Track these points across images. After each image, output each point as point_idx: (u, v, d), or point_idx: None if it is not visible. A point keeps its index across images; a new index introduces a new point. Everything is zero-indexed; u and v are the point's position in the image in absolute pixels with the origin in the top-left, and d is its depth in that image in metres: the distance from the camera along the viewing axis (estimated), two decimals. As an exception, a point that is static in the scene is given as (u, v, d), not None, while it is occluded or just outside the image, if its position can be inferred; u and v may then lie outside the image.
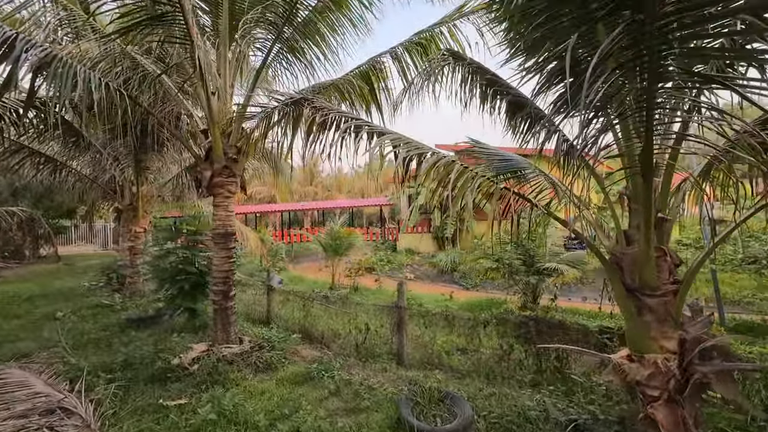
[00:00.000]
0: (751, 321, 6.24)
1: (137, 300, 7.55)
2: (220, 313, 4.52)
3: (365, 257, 11.63)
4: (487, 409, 3.11)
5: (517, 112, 3.37)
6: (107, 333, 5.74)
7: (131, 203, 7.78)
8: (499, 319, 4.37)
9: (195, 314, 5.69)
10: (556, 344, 4.00)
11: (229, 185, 4.48)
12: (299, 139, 4.38)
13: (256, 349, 4.58)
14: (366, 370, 4.25)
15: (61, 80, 3.23)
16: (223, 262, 4.52)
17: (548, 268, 6.98)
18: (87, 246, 23.00)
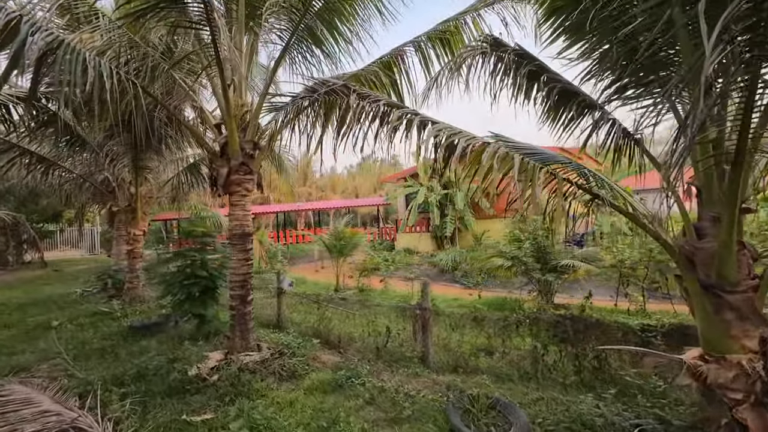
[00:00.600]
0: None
1: (138, 306, 7.18)
2: (239, 319, 4.25)
3: (369, 258, 11.41)
4: (540, 416, 2.94)
5: (564, 101, 3.21)
6: (110, 342, 5.39)
7: (129, 204, 7.40)
8: (532, 318, 4.21)
9: (204, 321, 5.39)
10: (596, 344, 3.87)
11: (246, 183, 4.22)
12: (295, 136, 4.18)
13: (276, 357, 4.33)
14: (396, 376, 4.03)
15: (69, 67, 2.94)
16: (241, 264, 4.25)
17: (564, 266, 6.87)
18: (73, 251, 22.18)
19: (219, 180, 4.10)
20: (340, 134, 3.25)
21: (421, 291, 4.93)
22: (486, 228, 17.20)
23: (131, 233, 7.32)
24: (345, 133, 3.22)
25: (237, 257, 4.24)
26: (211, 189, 4.33)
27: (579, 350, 3.90)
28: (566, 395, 3.35)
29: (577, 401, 3.10)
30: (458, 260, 15.31)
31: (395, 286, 11.36)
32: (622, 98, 2.99)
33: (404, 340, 5.04)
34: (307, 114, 3.30)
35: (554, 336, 4.06)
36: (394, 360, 4.69)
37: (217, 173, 4.11)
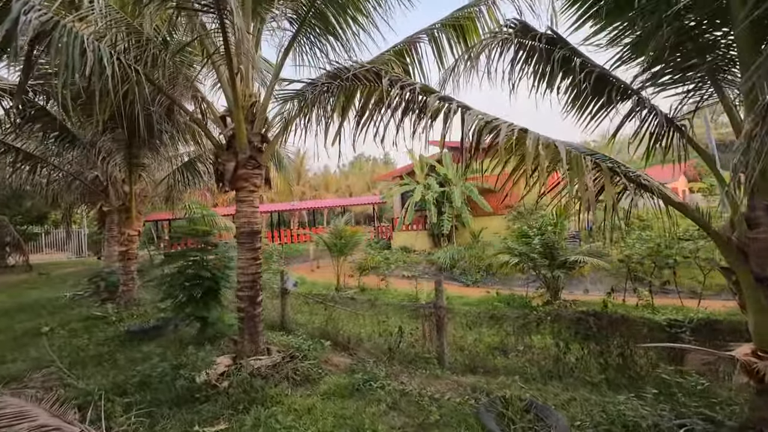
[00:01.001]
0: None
1: (134, 309, 6.86)
2: (248, 322, 4.03)
3: (369, 256, 11.23)
4: (578, 418, 2.81)
5: (594, 89, 3.07)
6: (107, 348, 5.11)
7: (123, 203, 7.07)
8: (554, 315, 4.09)
9: (207, 324, 5.14)
10: (621, 340, 3.77)
11: (254, 178, 4.00)
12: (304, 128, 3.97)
13: (288, 360, 4.12)
14: (416, 378, 3.87)
15: (67, 50, 2.69)
16: (250, 264, 4.03)
17: (572, 261, 6.80)
18: (59, 253, 21.50)
19: (226, 175, 3.87)
20: (360, 124, 3.06)
21: (435, 290, 4.78)
22: (484, 225, 17.16)
23: (125, 233, 6.99)
24: (365, 122, 3.03)
25: (245, 256, 4.02)
26: (217, 184, 4.09)
27: (603, 347, 3.80)
28: (596, 395, 3.23)
29: (612, 401, 2.98)
30: (456, 258, 15.25)
31: (396, 284, 11.21)
32: (657, 84, 2.87)
33: (415, 340, 4.89)
34: (324, 103, 3.10)
35: (576, 333, 3.94)
36: (408, 361, 4.53)
37: (224, 168, 3.88)
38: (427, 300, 6.86)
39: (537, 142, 2.19)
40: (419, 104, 2.76)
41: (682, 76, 2.70)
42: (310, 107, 3.11)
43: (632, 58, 3.01)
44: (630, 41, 2.96)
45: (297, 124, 3.61)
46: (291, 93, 3.44)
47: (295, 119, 3.57)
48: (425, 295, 7.36)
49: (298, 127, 3.66)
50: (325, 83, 2.87)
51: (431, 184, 17.84)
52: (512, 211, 16.44)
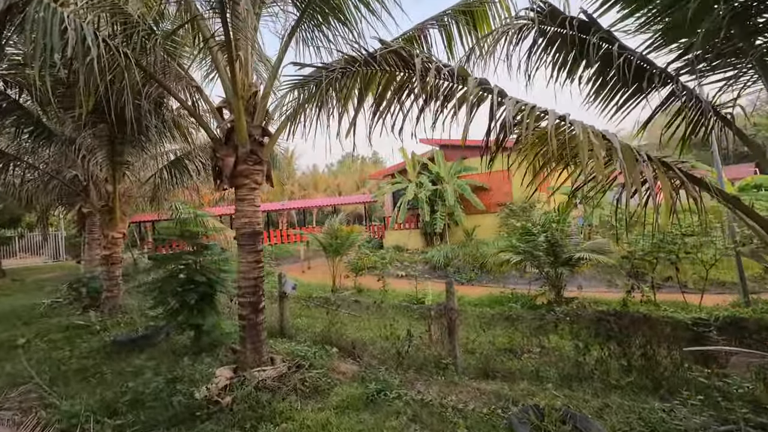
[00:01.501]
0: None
1: (119, 317, 6.42)
2: (250, 330, 3.73)
3: (365, 256, 10.97)
4: (616, 427, 2.63)
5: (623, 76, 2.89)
6: (92, 361, 4.71)
7: (106, 204, 6.60)
8: (573, 316, 3.92)
9: (202, 332, 4.79)
10: (643, 341, 3.64)
11: (255, 174, 3.70)
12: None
13: (294, 370, 3.84)
14: (433, 386, 3.65)
15: (45, 27, 2.34)
16: (252, 267, 3.73)
17: (577, 258, 6.69)
18: (34, 258, 20.46)
19: (225, 171, 3.55)
20: (377, 114, 2.80)
21: (446, 291, 4.56)
22: (476, 223, 17.12)
23: (109, 236, 6.53)
24: (383, 112, 2.78)
25: (246, 259, 3.71)
26: (215, 182, 3.77)
27: (625, 349, 3.66)
28: (628, 400, 3.08)
29: (647, 407, 2.83)
30: (450, 256, 15.14)
31: (393, 284, 10.98)
32: (694, 71, 2.72)
33: (424, 344, 4.67)
34: (339, 90, 2.82)
35: (597, 334, 3.79)
36: (419, 366, 4.31)
37: (223, 163, 3.56)
38: (432, 301, 6.67)
39: (588, 132, 1.97)
40: (445, 91, 2.53)
41: (723, 62, 2.55)
42: (323, 95, 2.84)
43: (663, 45, 2.85)
44: (662, 26, 2.79)
45: (302, 115, 3.33)
46: (300, 79, 3.13)
47: (301, 109, 3.28)
48: (430, 296, 7.16)
49: (306, 119, 3.37)
50: (343, 68, 2.60)
51: (424, 182, 17.69)
52: (505, 209, 16.48)
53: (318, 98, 2.96)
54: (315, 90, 2.97)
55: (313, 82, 2.99)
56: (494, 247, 14.62)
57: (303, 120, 3.36)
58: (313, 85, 3.02)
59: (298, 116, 3.36)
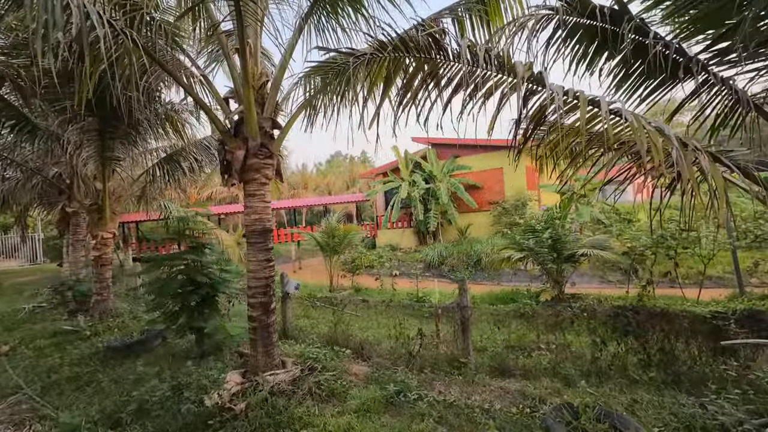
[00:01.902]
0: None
1: (110, 322, 6.09)
2: (261, 332, 3.55)
3: (363, 255, 10.82)
4: (649, 423, 2.59)
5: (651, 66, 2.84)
6: (86, 368, 4.43)
7: (94, 203, 6.25)
8: (590, 311, 3.89)
9: (204, 335, 4.57)
10: (661, 335, 3.63)
11: (265, 168, 3.51)
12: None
13: (307, 373, 3.68)
14: (452, 385, 3.55)
15: (45, 2, 2.13)
16: (263, 266, 3.55)
17: (577, 255, 6.73)
18: (9, 261, 19.50)
19: (234, 165, 3.36)
20: (403, 103, 2.68)
21: (459, 288, 4.48)
22: (469, 221, 17.18)
23: (99, 236, 6.19)
24: (408, 102, 2.66)
25: (257, 258, 3.53)
26: (222, 177, 3.56)
27: (644, 343, 3.64)
28: (654, 395, 3.04)
29: (676, 402, 2.79)
30: (444, 255, 15.15)
31: (391, 283, 10.87)
32: (723, 62, 2.70)
33: (430, 343, 4.59)
34: (361, 79, 2.69)
35: (615, 329, 3.77)
36: (431, 366, 4.21)
37: (232, 157, 3.37)
38: (439, 300, 6.57)
39: (639, 122, 1.90)
40: (477, 78, 2.42)
41: (755, 53, 2.53)
42: (347, 83, 2.69)
43: (691, 35, 2.82)
44: (690, 17, 2.76)
45: (321, 105, 3.17)
46: (320, 65, 2.96)
47: (319, 99, 3.12)
48: (437, 294, 7.07)
49: (321, 110, 3.22)
50: (373, 53, 2.45)
51: (417, 180, 17.63)
52: (498, 207, 16.58)
53: (340, 86, 2.81)
54: (333, 78, 2.82)
55: (334, 69, 2.83)
56: (488, 245, 14.72)
57: (318, 111, 3.20)
58: (333, 73, 2.86)
59: (316, 106, 3.20)
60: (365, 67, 2.56)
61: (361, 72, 2.60)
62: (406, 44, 2.42)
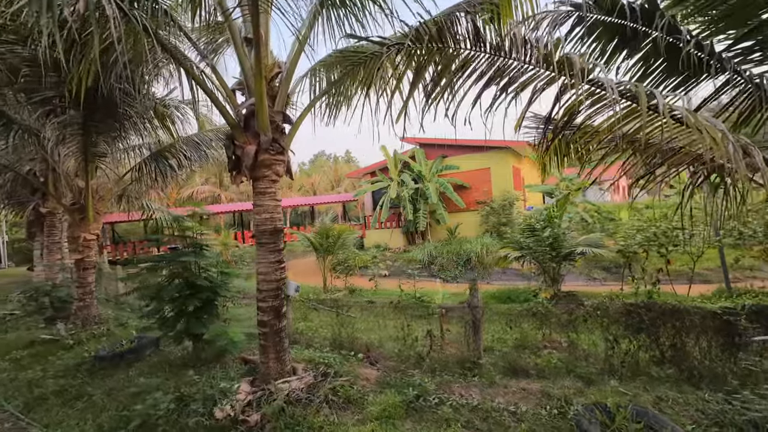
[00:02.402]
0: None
1: (95, 329, 5.69)
2: (272, 337, 3.36)
3: (356, 256, 10.64)
4: (680, 421, 2.58)
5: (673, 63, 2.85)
6: (73, 380, 4.09)
7: (76, 202, 5.83)
8: (602, 309, 3.90)
9: (204, 341, 4.31)
10: (672, 332, 3.68)
11: (276, 165, 3.33)
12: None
13: (320, 379, 3.52)
14: (472, 388, 3.47)
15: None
16: (274, 268, 3.36)
17: (575, 253, 6.82)
18: (-31, 266, 18.22)
19: (245, 160, 3.16)
20: (431, 97, 2.57)
21: (470, 288, 4.42)
22: (458, 221, 17.28)
23: (81, 237, 5.77)
24: (437, 96, 2.55)
25: (268, 260, 3.34)
26: (231, 173, 3.35)
27: (657, 340, 3.68)
28: (675, 392, 3.06)
29: (699, 398, 2.81)
30: (434, 254, 15.16)
31: (384, 284, 10.75)
32: (747, 61, 2.73)
33: (439, 345, 4.51)
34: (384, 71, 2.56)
35: (627, 327, 3.79)
36: (441, 367, 4.13)
37: (242, 152, 3.17)
38: (443, 300, 6.50)
39: (696, 117, 1.86)
40: (513, 72, 2.35)
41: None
42: (374, 73, 2.54)
43: (714, 33, 2.85)
44: (716, 13, 2.78)
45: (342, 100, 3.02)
46: (346, 54, 2.80)
47: (340, 90, 2.97)
48: (441, 294, 6.99)
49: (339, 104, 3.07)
50: (411, 43, 2.31)
51: (406, 180, 17.60)
52: (486, 207, 16.77)
53: (368, 77, 2.66)
54: (356, 69, 2.67)
55: (357, 60, 2.69)
56: (478, 244, 14.83)
57: (340, 104, 3.05)
58: (355, 64, 2.71)
59: (338, 100, 3.04)
60: (395, 58, 2.43)
61: (388, 63, 2.48)
62: (442, 34, 2.32)
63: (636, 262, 7.12)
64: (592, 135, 2.60)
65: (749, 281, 7.04)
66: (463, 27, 2.33)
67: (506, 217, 16.15)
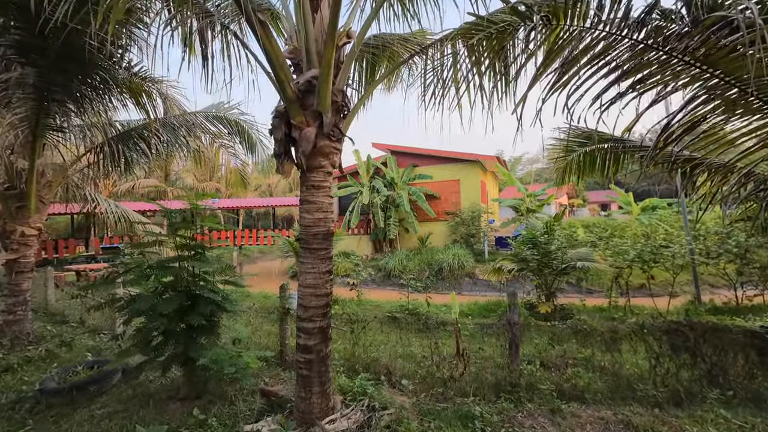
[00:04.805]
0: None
1: (30, 351, 4.39)
2: (318, 366, 2.71)
3: (339, 263, 9.91)
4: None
5: None
6: (11, 426, 2.99)
7: (11, 186, 4.51)
8: (648, 327, 3.81)
9: (201, 367, 3.44)
10: (713, 351, 3.69)
11: (334, 155, 2.74)
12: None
13: (369, 415, 2.92)
14: (538, 417, 3.11)
15: None
16: (324, 280, 2.73)
17: (570, 267, 6.91)
18: None
19: (302, 145, 2.52)
20: (555, 85, 2.21)
21: (509, 303, 4.12)
22: (428, 230, 17.27)
23: (17, 232, 4.45)
24: (565, 82, 2.21)
25: (318, 269, 2.71)
26: (278, 161, 2.68)
27: (699, 360, 3.66)
28: (744, 416, 2.99)
29: None
30: (405, 263, 14.93)
31: (369, 295, 10.17)
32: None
33: (449, 363, 4.18)
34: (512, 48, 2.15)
35: (672, 346, 3.74)
36: (475, 391, 3.77)
37: (300, 135, 2.53)
38: (456, 315, 6.12)
39: None
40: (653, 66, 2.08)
41: None
42: (500, 52, 2.12)
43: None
44: None
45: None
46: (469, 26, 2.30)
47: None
48: (457, 308, 6.58)
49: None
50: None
51: (378, 186, 17.23)
52: (455, 218, 17.00)
53: (492, 55, 2.22)
54: (479, 44, 2.23)
55: (481, 33, 2.24)
56: (449, 254, 14.88)
57: (440, 88, 2.56)
58: (479, 38, 2.27)
59: (453, 85, 2.54)
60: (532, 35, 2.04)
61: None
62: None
63: (621, 276, 7.43)
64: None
65: (717, 295, 7.69)
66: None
67: (475, 228, 16.51)
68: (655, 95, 2.26)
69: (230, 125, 6.41)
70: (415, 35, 3.70)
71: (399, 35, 3.24)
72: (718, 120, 2.30)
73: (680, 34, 1.95)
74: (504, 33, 2.16)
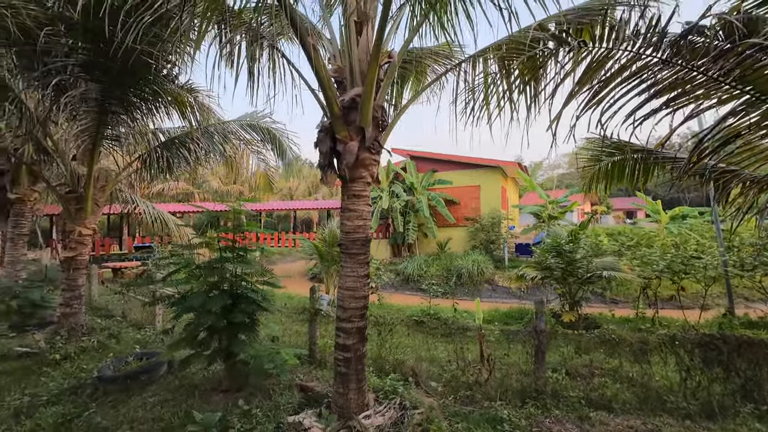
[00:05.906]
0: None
1: (84, 341, 4.78)
2: (355, 364, 2.89)
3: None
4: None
5: None
6: (75, 409, 3.30)
7: (72, 190, 4.94)
8: (679, 339, 3.80)
9: (242, 362, 3.68)
10: (747, 365, 3.64)
11: (373, 166, 2.93)
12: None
13: (401, 413, 3.07)
14: (566, 423, 3.18)
15: None
16: (362, 283, 2.92)
17: (595, 276, 6.85)
18: None
19: (346, 158, 2.72)
20: (592, 101, 2.33)
21: (536, 310, 4.19)
22: (447, 236, 17.28)
23: (75, 232, 4.87)
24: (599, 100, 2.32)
25: (357, 273, 2.89)
26: (323, 172, 2.89)
27: (730, 373, 3.62)
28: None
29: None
30: (424, 268, 14.99)
31: (389, 299, 10.33)
32: None
33: (472, 368, 4.26)
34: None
35: (705, 359, 3.71)
36: (501, 395, 3.84)
37: (344, 148, 2.73)
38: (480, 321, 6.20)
39: None
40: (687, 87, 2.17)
41: None
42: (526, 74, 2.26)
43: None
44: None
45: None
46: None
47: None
48: (481, 313, 6.68)
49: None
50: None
51: (398, 191, 17.40)
52: (475, 224, 16.94)
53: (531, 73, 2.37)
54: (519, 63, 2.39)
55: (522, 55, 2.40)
56: (469, 260, 14.84)
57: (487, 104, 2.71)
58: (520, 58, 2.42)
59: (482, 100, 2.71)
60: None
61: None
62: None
63: (650, 287, 7.29)
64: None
65: (752, 309, 7.41)
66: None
67: (495, 234, 16.40)
68: (690, 112, 2.35)
69: (262, 133, 6.75)
70: (442, 48, 3.87)
71: (429, 49, 3.42)
72: (754, 136, 2.35)
73: (716, 56, 2.04)
74: (541, 55, 2.30)
